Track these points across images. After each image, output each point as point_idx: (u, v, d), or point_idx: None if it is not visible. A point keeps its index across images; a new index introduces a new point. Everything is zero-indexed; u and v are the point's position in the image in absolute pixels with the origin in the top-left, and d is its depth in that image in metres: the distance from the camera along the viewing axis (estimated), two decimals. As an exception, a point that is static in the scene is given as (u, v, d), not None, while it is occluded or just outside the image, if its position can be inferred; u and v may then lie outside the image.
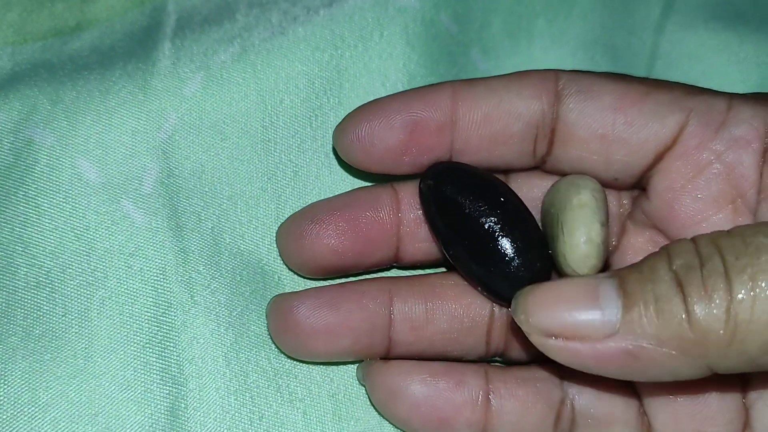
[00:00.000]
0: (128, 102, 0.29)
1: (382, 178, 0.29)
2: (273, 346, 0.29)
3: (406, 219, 0.28)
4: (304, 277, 0.30)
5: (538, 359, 0.28)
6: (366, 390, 0.29)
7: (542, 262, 0.27)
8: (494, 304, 0.28)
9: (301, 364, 0.29)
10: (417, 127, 0.27)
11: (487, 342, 0.28)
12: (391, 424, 0.28)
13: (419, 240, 0.28)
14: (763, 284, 0.22)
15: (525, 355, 0.28)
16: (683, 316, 0.22)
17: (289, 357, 0.29)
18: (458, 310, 0.28)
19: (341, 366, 0.29)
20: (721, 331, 0.22)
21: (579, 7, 0.37)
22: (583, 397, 0.28)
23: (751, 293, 0.22)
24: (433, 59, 0.33)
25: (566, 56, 0.36)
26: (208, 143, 0.30)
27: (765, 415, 0.26)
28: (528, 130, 0.27)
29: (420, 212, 0.28)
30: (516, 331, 0.27)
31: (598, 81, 0.27)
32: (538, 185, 0.29)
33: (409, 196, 0.28)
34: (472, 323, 0.28)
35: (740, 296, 0.22)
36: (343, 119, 0.28)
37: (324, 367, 0.29)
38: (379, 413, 0.29)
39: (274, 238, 0.30)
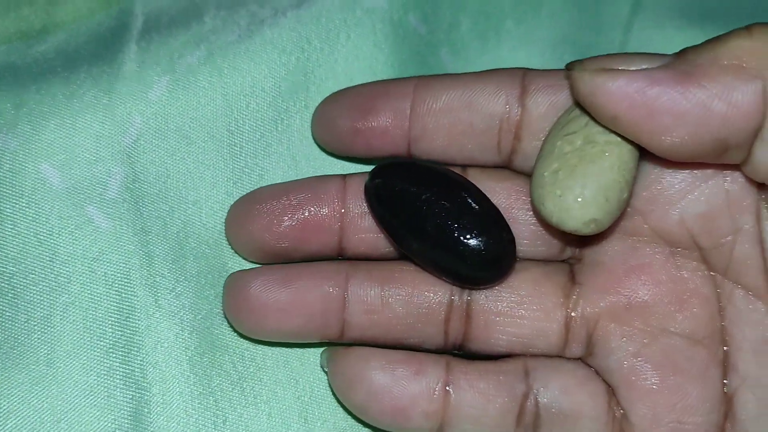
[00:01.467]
0: (93, 106, 0.29)
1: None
2: (238, 349, 0.29)
3: (350, 209, 0.28)
4: (253, 263, 0.30)
5: (499, 352, 0.28)
6: (327, 376, 0.28)
7: (503, 236, 0.27)
8: (453, 293, 0.28)
9: (266, 367, 0.29)
10: (371, 112, 0.28)
11: (445, 332, 0.28)
12: (351, 411, 0.28)
13: (363, 231, 0.28)
14: None
15: (485, 347, 0.28)
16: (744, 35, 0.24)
17: (243, 337, 0.29)
18: (415, 296, 0.28)
19: (307, 367, 0.29)
20: None
21: (547, 7, 0.37)
22: (548, 391, 0.27)
23: None
24: (402, 60, 0.33)
25: (535, 55, 0.36)
26: (173, 147, 0.30)
27: (749, 402, 0.26)
28: (490, 122, 0.27)
29: (365, 204, 0.28)
30: (475, 319, 0.28)
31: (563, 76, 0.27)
32: (506, 191, 0.29)
33: (357, 187, 0.28)
34: (429, 310, 0.28)
35: None
36: (320, 102, 0.30)
37: (290, 369, 0.29)
38: (339, 401, 0.28)
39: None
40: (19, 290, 0.28)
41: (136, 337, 0.28)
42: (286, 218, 0.28)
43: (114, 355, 0.28)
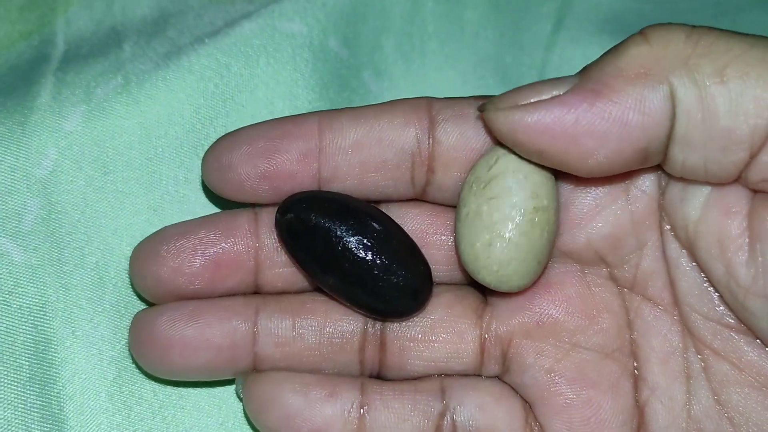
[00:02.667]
0: (6, 139, 0.29)
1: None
2: (157, 378, 0.29)
3: (264, 244, 0.28)
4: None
5: (416, 376, 0.28)
6: (243, 403, 0.28)
7: (419, 268, 0.27)
8: (366, 322, 0.28)
9: (188, 394, 0.29)
10: (277, 155, 0.27)
11: (360, 360, 0.28)
12: None
13: (279, 266, 0.28)
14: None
15: (402, 373, 0.28)
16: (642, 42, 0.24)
17: (161, 381, 0.28)
18: (328, 326, 0.27)
19: (231, 393, 0.29)
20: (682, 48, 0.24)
21: (470, 27, 0.38)
22: (464, 410, 0.27)
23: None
24: (323, 83, 0.33)
25: (458, 75, 0.37)
26: (90, 177, 0.30)
27: (660, 413, 0.27)
28: (402, 156, 0.27)
29: None
30: (390, 346, 0.28)
31: (471, 104, 0.27)
32: (420, 217, 0.29)
33: (269, 220, 0.28)
34: (342, 340, 0.27)
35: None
36: (209, 148, 0.28)
37: (213, 395, 0.29)
38: (252, 426, 0.28)
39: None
40: (-69, 326, 0.27)
41: (52, 370, 0.28)
42: (198, 257, 0.27)
43: (31, 389, 0.27)
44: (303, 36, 0.33)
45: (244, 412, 0.28)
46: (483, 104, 0.25)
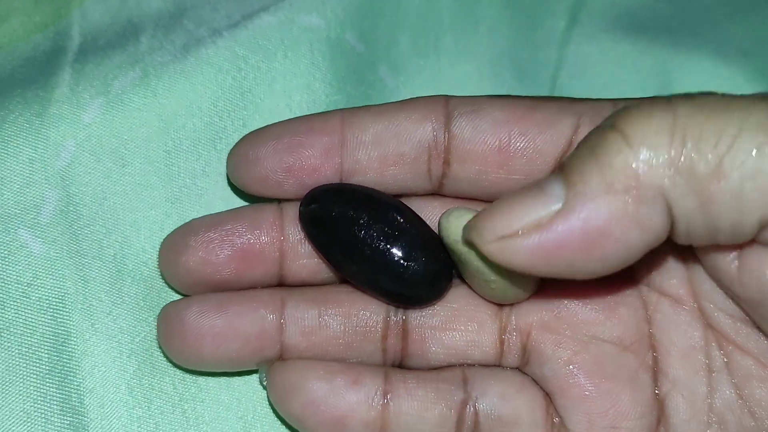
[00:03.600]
0: (25, 130, 0.29)
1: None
2: (178, 371, 0.28)
3: (289, 236, 0.28)
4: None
5: (438, 365, 0.28)
6: (267, 390, 0.28)
7: (439, 255, 0.27)
8: (388, 311, 0.28)
9: (207, 388, 0.29)
10: (301, 150, 0.27)
11: (383, 349, 0.28)
12: (288, 423, 0.28)
13: (303, 257, 0.28)
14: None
15: (423, 362, 0.28)
16: (627, 155, 0.22)
17: (185, 370, 0.28)
18: (352, 315, 0.28)
19: (250, 387, 0.29)
20: (667, 177, 0.22)
21: (485, 23, 0.38)
22: (486, 399, 0.27)
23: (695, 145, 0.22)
24: (340, 78, 0.33)
25: (474, 71, 0.37)
26: (108, 170, 0.30)
27: (681, 406, 0.27)
28: (420, 150, 0.27)
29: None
30: (412, 336, 0.28)
31: (486, 101, 0.28)
32: (439, 209, 0.29)
33: (293, 214, 0.28)
34: (366, 329, 0.28)
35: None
36: (235, 144, 0.28)
37: (232, 389, 0.29)
38: (276, 413, 0.28)
39: None
40: (-50, 318, 0.27)
41: (72, 362, 0.27)
42: (225, 249, 0.27)
43: (50, 381, 0.27)
44: (320, 30, 0.33)
45: (268, 400, 0.28)
46: (466, 232, 0.24)
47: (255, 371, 0.29)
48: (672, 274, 0.27)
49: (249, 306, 0.27)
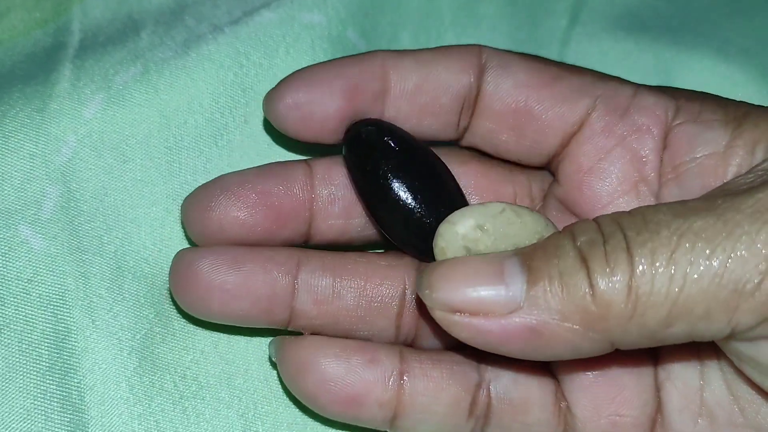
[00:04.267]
0: (25, 125, 0.29)
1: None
2: (179, 368, 0.28)
3: (319, 195, 0.28)
4: None
5: (452, 347, 0.28)
6: (277, 366, 0.28)
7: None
8: (406, 287, 0.28)
9: (208, 385, 0.28)
10: (355, 94, 0.27)
11: (397, 326, 0.28)
12: (300, 401, 0.28)
13: (332, 217, 0.28)
14: (663, 258, 0.22)
15: (437, 344, 0.28)
16: (587, 290, 0.22)
17: (181, 372, 0.28)
18: (368, 288, 0.28)
19: (251, 384, 0.29)
20: (623, 305, 0.22)
21: (487, 21, 0.38)
22: (499, 382, 0.27)
23: (652, 267, 0.22)
24: None
25: None
26: (109, 165, 0.29)
27: (674, 396, 0.27)
28: (456, 102, 0.28)
29: (333, 189, 0.28)
30: (426, 315, 0.27)
31: (515, 59, 0.28)
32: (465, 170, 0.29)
33: (323, 172, 0.28)
34: (381, 304, 0.28)
35: (640, 269, 0.22)
36: (276, 86, 0.28)
37: (233, 386, 0.29)
38: (288, 391, 0.28)
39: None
40: (-50, 314, 0.27)
41: (72, 359, 0.27)
42: (259, 208, 0.27)
43: (51, 378, 0.27)
44: (322, 26, 0.33)
45: (279, 379, 0.28)
46: (419, 283, 0.24)
47: (256, 365, 0.29)
48: None
49: (263, 266, 0.27)
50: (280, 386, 0.29)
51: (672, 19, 0.39)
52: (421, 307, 0.27)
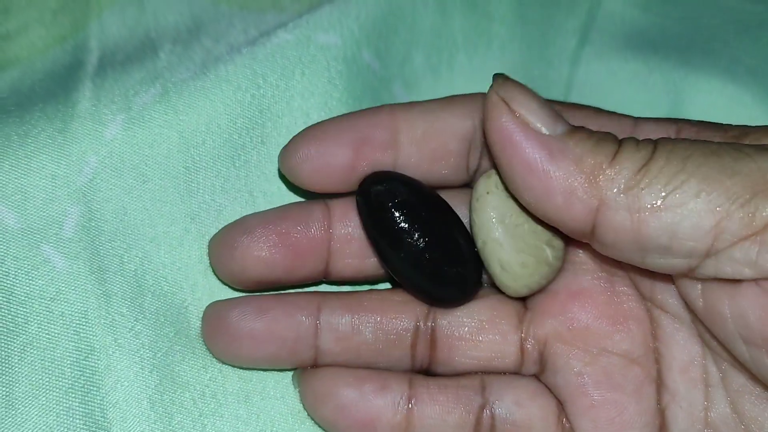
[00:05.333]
0: (47, 146, 0.29)
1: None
2: (198, 386, 0.29)
3: (336, 234, 0.29)
4: (234, 289, 0.30)
5: (462, 372, 0.29)
6: (299, 394, 0.30)
7: (473, 265, 0.29)
8: (418, 320, 0.29)
9: (226, 403, 0.29)
10: (365, 144, 0.28)
11: (412, 355, 0.29)
12: (320, 426, 0.29)
13: (349, 256, 0.29)
14: (677, 156, 0.24)
15: (449, 369, 0.30)
16: (611, 153, 0.25)
17: (201, 390, 0.29)
18: (384, 322, 0.29)
19: (268, 402, 0.29)
20: (631, 174, 0.24)
21: (498, 40, 0.38)
22: (502, 404, 0.29)
23: (667, 156, 0.24)
24: (356, 96, 0.33)
25: (486, 88, 0.37)
26: (129, 186, 0.30)
27: (679, 416, 0.28)
28: (463, 145, 0.29)
29: (350, 229, 0.29)
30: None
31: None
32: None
33: (340, 212, 0.29)
34: (397, 336, 0.29)
35: (659, 155, 0.24)
36: (290, 141, 0.29)
37: (250, 404, 0.29)
38: (310, 416, 0.30)
39: (197, 280, 0.30)
40: (-25, 332, 0.28)
41: (95, 377, 0.28)
42: (279, 248, 0.29)
43: (73, 396, 0.28)
44: (337, 48, 0.33)
45: (295, 397, 0.30)
46: (501, 77, 0.26)
47: (272, 383, 0.30)
48: (671, 294, 0.28)
49: (287, 311, 0.29)
50: (296, 404, 0.30)
51: (680, 39, 0.40)
52: (434, 338, 0.29)
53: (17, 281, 0.28)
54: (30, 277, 0.28)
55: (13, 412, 0.27)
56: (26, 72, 0.33)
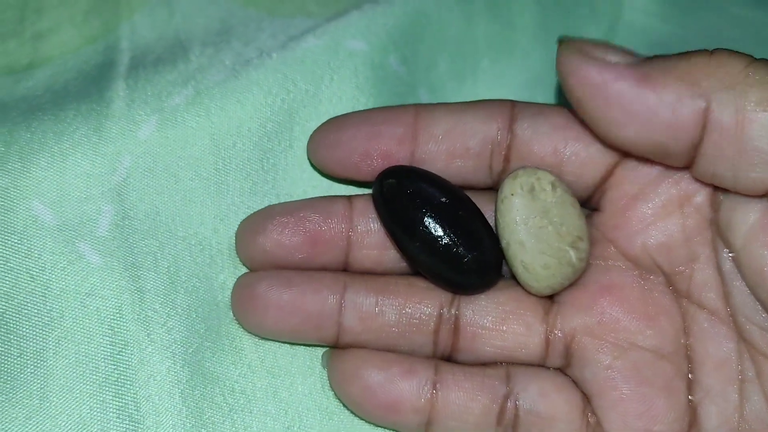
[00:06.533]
0: (82, 144, 0.30)
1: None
2: (228, 381, 0.29)
3: (357, 226, 0.30)
4: None
5: (484, 361, 0.30)
6: (327, 373, 0.30)
7: (492, 252, 0.29)
8: (442, 306, 0.30)
9: (255, 399, 0.30)
10: (378, 137, 0.29)
11: (434, 342, 0.30)
12: (345, 405, 0.30)
13: (368, 247, 0.30)
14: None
15: (472, 358, 0.30)
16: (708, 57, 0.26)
17: (231, 385, 0.30)
18: (407, 306, 0.30)
19: (296, 398, 0.30)
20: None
21: (520, 48, 0.39)
22: (527, 394, 0.29)
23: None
24: (382, 101, 0.34)
25: (508, 94, 0.38)
26: (162, 186, 0.31)
27: (712, 413, 0.28)
28: (484, 146, 0.29)
29: (371, 223, 0.30)
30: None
31: (550, 106, 0.30)
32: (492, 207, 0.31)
33: (362, 206, 0.30)
34: (420, 321, 0.30)
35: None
36: (315, 129, 0.31)
37: (279, 399, 0.30)
38: (331, 404, 0.30)
39: (227, 278, 0.31)
40: (11, 326, 0.28)
41: (129, 371, 0.28)
42: (299, 234, 0.30)
43: (107, 389, 0.28)
44: (365, 53, 0.34)
45: (323, 392, 0.30)
46: (565, 37, 0.27)
47: (300, 379, 0.30)
48: (709, 288, 0.29)
49: (313, 286, 0.29)
50: (324, 399, 0.30)
51: (703, 47, 0.40)
52: (457, 326, 0.30)
53: (53, 276, 0.29)
54: (66, 273, 0.29)
55: (48, 405, 0.28)
56: (59, 71, 0.34)
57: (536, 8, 0.39)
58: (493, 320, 0.30)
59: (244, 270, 0.31)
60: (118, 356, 0.29)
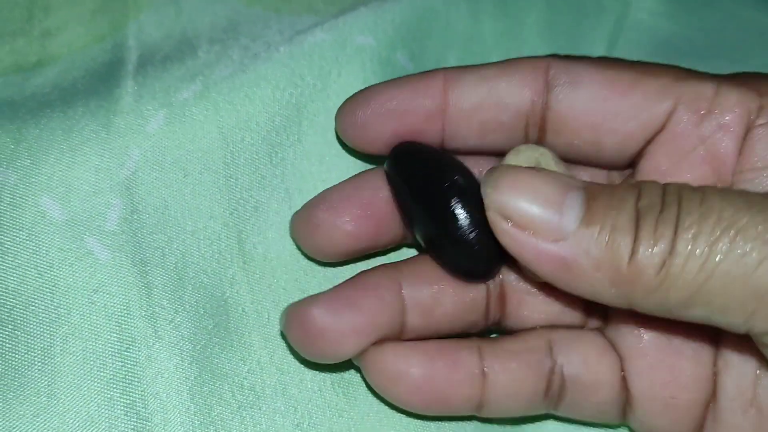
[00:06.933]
0: (91, 140, 0.30)
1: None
2: (236, 378, 0.29)
3: None
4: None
5: (530, 326, 0.30)
6: (362, 372, 0.29)
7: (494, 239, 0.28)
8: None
9: (264, 395, 0.29)
10: (405, 115, 0.29)
11: (485, 316, 0.30)
12: (393, 404, 0.29)
13: None
14: (702, 245, 0.23)
15: (518, 324, 0.30)
16: (627, 253, 0.24)
17: (238, 382, 0.29)
18: (460, 289, 0.29)
19: (305, 394, 0.30)
20: (652, 277, 0.24)
21: (528, 45, 0.39)
22: (571, 365, 0.29)
23: (689, 250, 0.23)
24: None
25: None
26: (171, 180, 0.30)
27: (729, 384, 0.28)
28: (518, 118, 0.29)
29: None
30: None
31: (587, 70, 0.28)
32: None
33: None
34: (472, 301, 0.29)
35: (679, 249, 0.23)
36: (342, 104, 0.30)
37: (288, 396, 0.29)
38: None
39: (236, 273, 0.30)
40: (19, 322, 0.28)
41: (136, 368, 0.28)
42: (363, 218, 0.29)
43: (115, 386, 0.28)
44: (372, 49, 0.34)
45: (333, 389, 0.30)
46: (488, 175, 0.25)
47: (310, 375, 0.30)
48: None
49: (378, 297, 0.28)
50: (333, 396, 0.30)
51: (706, 50, 0.40)
52: (503, 294, 0.30)
53: (61, 272, 0.28)
54: (73, 269, 0.29)
55: (55, 402, 0.27)
56: (67, 69, 0.34)
57: (543, 5, 0.39)
58: (539, 285, 0.30)
59: (252, 266, 0.31)
60: (126, 353, 0.28)
